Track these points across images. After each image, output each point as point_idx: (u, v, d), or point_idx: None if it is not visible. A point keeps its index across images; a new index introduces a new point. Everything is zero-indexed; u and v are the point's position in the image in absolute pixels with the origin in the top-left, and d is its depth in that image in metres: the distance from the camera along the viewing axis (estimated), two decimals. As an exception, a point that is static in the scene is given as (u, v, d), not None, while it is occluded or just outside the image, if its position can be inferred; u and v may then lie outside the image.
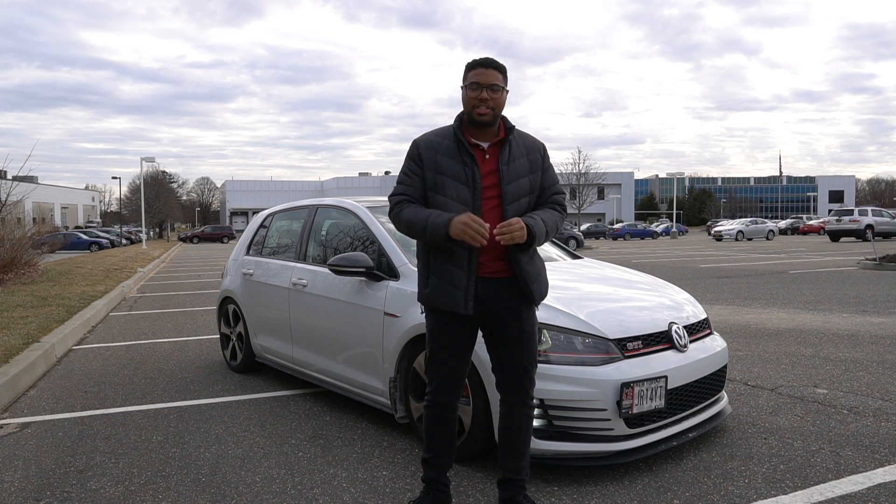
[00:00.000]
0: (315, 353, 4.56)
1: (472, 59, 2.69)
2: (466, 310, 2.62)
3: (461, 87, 2.68)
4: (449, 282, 2.63)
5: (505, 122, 2.74)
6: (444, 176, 2.64)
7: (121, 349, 6.90)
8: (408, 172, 2.72)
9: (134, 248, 37.76)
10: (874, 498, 2.95)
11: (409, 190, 2.70)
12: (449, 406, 2.81)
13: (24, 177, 21.30)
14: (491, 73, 2.63)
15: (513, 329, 2.70)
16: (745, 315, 8.35)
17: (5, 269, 12.92)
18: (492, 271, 2.66)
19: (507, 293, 2.68)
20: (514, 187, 2.66)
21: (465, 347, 2.76)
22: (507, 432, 2.80)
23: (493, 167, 2.67)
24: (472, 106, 2.63)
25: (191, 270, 19.73)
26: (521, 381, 2.74)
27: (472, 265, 2.61)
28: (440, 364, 2.76)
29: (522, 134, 2.81)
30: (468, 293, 2.61)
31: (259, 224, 5.90)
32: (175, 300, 11.52)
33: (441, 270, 2.65)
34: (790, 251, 24.20)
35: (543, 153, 2.81)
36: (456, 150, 2.66)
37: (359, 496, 3.09)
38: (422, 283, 2.75)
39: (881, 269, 14.64)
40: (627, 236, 50.33)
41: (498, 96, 2.63)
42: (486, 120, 2.63)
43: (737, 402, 4.46)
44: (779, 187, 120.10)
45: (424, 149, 2.69)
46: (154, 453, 3.72)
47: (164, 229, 71.89)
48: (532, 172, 2.73)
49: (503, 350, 2.74)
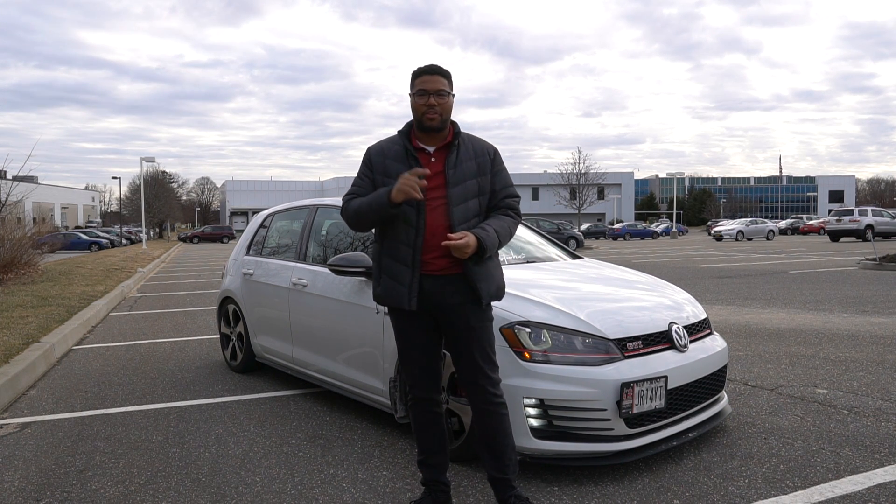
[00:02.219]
0: (315, 353, 4.56)
1: (418, 66, 2.76)
2: (410, 305, 2.69)
3: (409, 94, 2.75)
4: (395, 279, 2.72)
5: (454, 126, 2.80)
6: (391, 178, 2.70)
7: (121, 349, 6.90)
8: (360, 176, 2.85)
9: (134, 248, 37.76)
10: (874, 498, 2.95)
11: (360, 191, 2.81)
12: (430, 400, 2.86)
13: (24, 177, 21.32)
14: (437, 79, 2.70)
15: (460, 326, 2.74)
16: (745, 315, 8.35)
17: (5, 269, 12.91)
18: (437, 268, 2.71)
19: (452, 290, 2.72)
20: (460, 190, 2.71)
21: (430, 342, 2.81)
22: (480, 430, 2.82)
23: (439, 169, 2.73)
24: (420, 112, 2.70)
25: (191, 270, 19.73)
26: (476, 377, 2.76)
27: (416, 262, 2.68)
28: (410, 360, 2.84)
29: (472, 138, 2.86)
30: (412, 289, 2.68)
31: (259, 224, 5.90)
32: (175, 300, 11.52)
33: (389, 269, 2.74)
34: (790, 251, 24.20)
35: (493, 156, 2.84)
36: (403, 155, 2.75)
37: (359, 496, 3.09)
38: (375, 282, 2.83)
39: (881, 269, 14.64)
40: (627, 236, 50.32)
41: (444, 101, 2.70)
42: (435, 125, 2.70)
43: (737, 402, 4.46)
44: (779, 187, 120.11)
45: (375, 154, 2.81)
46: (154, 453, 3.72)
47: (164, 229, 71.87)
48: (480, 175, 2.77)
49: (455, 347, 2.79)
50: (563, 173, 55.51)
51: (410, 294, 2.68)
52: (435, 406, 2.87)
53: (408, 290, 2.68)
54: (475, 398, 2.79)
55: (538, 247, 4.91)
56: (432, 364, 2.84)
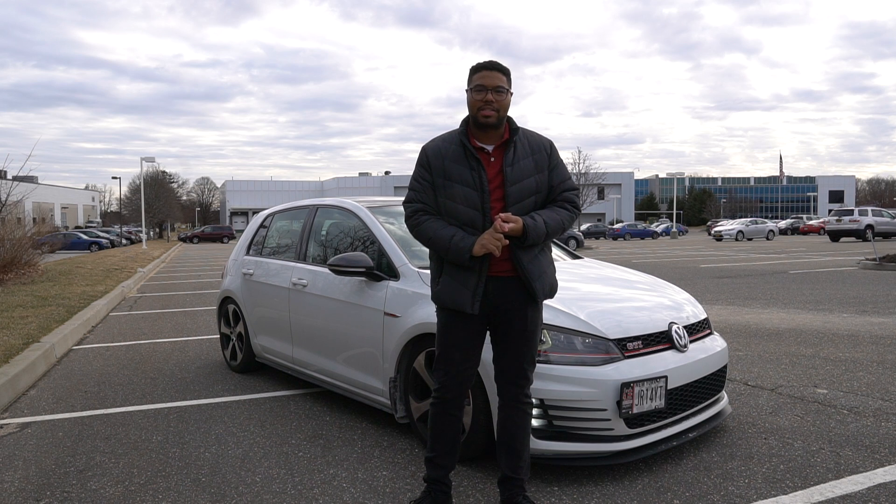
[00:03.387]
0: (315, 353, 4.56)
1: (477, 62, 2.73)
2: (473, 310, 2.68)
3: (466, 90, 2.73)
4: (459, 281, 2.69)
5: (510, 123, 2.77)
6: (453, 181, 2.69)
7: (121, 349, 6.90)
8: (418, 178, 2.79)
9: (134, 248, 37.76)
10: (874, 498, 2.95)
11: (422, 196, 2.76)
12: (455, 403, 2.84)
13: (24, 177, 21.33)
14: (495, 75, 2.67)
15: (516, 327, 2.75)
16: (745, 315, 8.35)
17: (5, 269, 12.92)
18: (501, 271, 2.71)
19: (514, 292, 2.73)
20: (518, 189, 2.69)
21: (474, 345, 2.80)
22: (504, 429, 2.83)
23: (498, 169, 2.71)
24: (477, 108, 2.67)
25: (191, 270, 19.73)
26: (518, 378, 2.79)
27: (484, 267, 2.67)
28: (449, 361, 2.80)
29: (529, 133, 2.82)
30: (476, 293, 2.67)
31: (259, 224, 5.90)
32: (175, 300, 11.52)
33: (453, 270, 2.71)
34: (790, 251, 24.20)
35: (550, 151, 2.82)
36: (462, 155, 2.71)
37: (359, 496, 3.09)
38: (434, 281, 2.81)
39: (881, 269, 14.64)
40: (627, 236, 50.32)
41: (502, 98, 2.67)
42: (492, 122, 2.67)
43: (737, 402, 4.46)
44: (779, 187, 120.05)
45: (433, 155, 2.75)
46: (154, 453, 3.72)
47: (164, 229, 71.86)
48: (538, 172, 2.75)
49: (504, 347, 2.79)
50: (563, 173, 55.41)
51: (475, 298, 2.67)
52: (457, 409, 2.85)
53: (472, 293, 2.67)
54: (508, 396, 2.81)
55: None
56: (469, 368, 2.81)
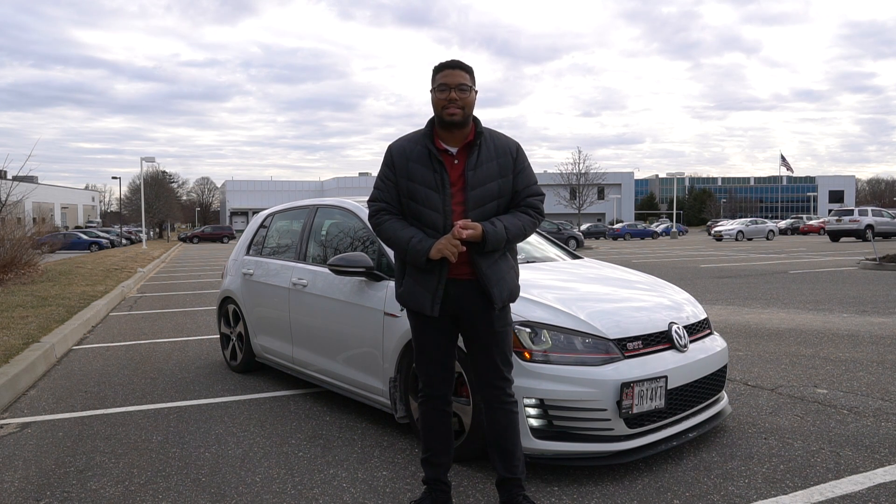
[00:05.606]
0: (315, 353, 4.56)
1: (439, 61, 2.72)
2: (433, 312, 2.69)
3: (430, 90, 2.72)
4: (420, 283, 2.71)
5: (476, 124, 2.76)
6: (416, 182, 2.69)
7: (121, 349, 6.90)
8: (383, 178, 2.79)
9: (134, 248, 37.75)
10: (874, 498, 2.95)
11: (386, 196, 2.77)
12: (443, 399, 2.85)
13: (24, 177, 21.31)
14: (458, 73, 2.67)
15: (481, 328, 2.75)
16: (745, 315, 8.35)
17: (5, 269, 12.91)
18: (461, 274, 2.71)
19: (474, 296, 2.72)
20: (480, 193, 2.68)
21: (447, 341, 2.81)
22: (491, 430, 2.83)
23: (461, 172, 2.70)
24: (441, 107, 2.67)
25: (191, 270, 19.73)
26: (494, 379, 2.78)
27: (444, 270, 2.67)
28: (426, 359, 2.83)
29: (495, 135, 2.80)
30: (436, 296, 2.68)
31: (259, 224, 5.90)
32: (175, 300, 11.52)
33: (414, 272, 2.74)
34: (790, 251, 24.20)
35: (516, 155, 2.78)
36: (426, 157, 2.70)
37: (359, 496, 3.09)
38: (397, 282, 2.83)
39: (881, 269, 14.64)
40: (627, 236, 50.30)
41: (466, 96, 2.66)
42: (457, 120, 2.66)
43: (737, 402, 4.46)
44: (779, 187, 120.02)
45: (397, 155, 2.75)
46: (154, 453, 3.72)
47: (164, 229, 71.87)
48: (502, 176, 2.73)
49: (475, 348, 2.80)
50: (562, 173, 55.53)
51: (434, 301, 2.68)
52: (445, 405, 2.87)
53: (431, 296, 2.68)
54: (490, 398, 2.80)
55: (538, 247, 4.91)
56: (448, 363, 2.84)
